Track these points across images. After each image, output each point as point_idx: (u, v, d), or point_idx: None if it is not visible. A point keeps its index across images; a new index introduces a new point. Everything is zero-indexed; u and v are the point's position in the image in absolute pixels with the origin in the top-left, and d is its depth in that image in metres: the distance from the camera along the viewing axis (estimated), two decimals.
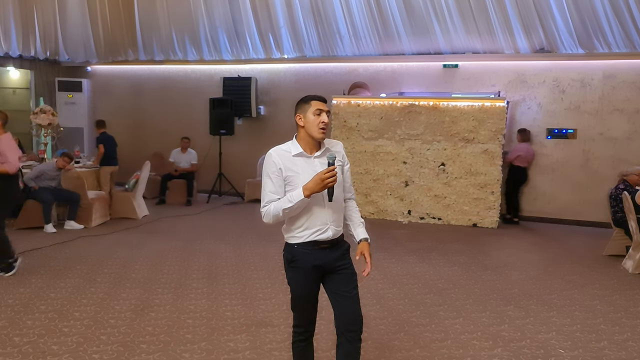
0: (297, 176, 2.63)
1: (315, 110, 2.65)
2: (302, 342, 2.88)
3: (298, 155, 2.67)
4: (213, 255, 6.31)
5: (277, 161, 2.66)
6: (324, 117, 2.64)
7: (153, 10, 10.46)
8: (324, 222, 2.66)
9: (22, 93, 11.84)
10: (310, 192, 2.54)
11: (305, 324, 2.85)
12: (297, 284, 2.75)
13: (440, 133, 8.51)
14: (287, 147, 2.72)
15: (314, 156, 2.68)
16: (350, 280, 2.73)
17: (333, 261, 2.70)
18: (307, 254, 2.67)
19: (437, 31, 9.00)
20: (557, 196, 8.83)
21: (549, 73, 8.75)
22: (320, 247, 2.67)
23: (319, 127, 2.64)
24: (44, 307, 4.50)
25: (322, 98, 2.71)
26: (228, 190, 10.43)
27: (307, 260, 2.67)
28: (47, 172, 7.43)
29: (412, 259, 6.33)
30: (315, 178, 2.53)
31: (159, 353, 3.68)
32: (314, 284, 2.74)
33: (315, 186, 2.52)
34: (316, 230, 2.66)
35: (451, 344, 3.94)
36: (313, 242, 2.66)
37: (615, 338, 4.11)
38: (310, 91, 9.64)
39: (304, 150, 2.68)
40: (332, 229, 2.67)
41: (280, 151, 2.70)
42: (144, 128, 11.25)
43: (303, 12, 9.58)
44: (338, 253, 2.72)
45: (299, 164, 2.66)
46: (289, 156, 2.68)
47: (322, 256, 2.68)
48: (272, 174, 2.67)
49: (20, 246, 6.43)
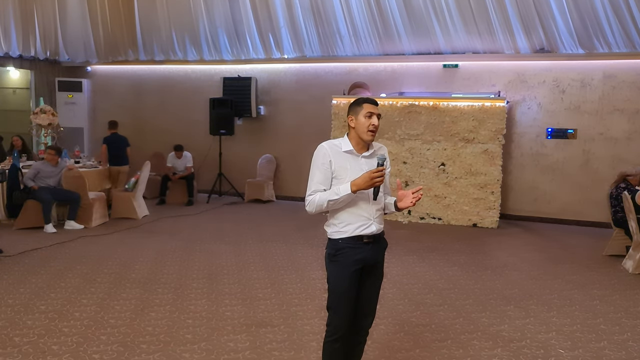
0: (346, 171, 2.74)
1: (366, 112, 2.74)
2: (335, 344, 2.77)
3: (348, 152, 2.78)
4: (213, 255, 6.31)
5: (329, 153, 2.76)
6: (374, 120, 2.74)
7: (153, 10, 10.46)
8: (368, 217, 2.76)
9: (22, 93, 11.84)
10: (358, 188, 2.66)
11: (340, 323, 2.76)
12: (337, 278, 2.77)
13: (440, 133, 8.51)
14: (338, 143, 2.82)
15: (362, 155, 2.78)
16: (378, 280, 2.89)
17: (374, 256, 2.81)
18: (351, 248, 2.75)
19: (437, 31, 9.00)
20: (557, 196, 8.83)
21: (549, 73, 8.75)
22: (364, 241, 2.76)
23: (368, 130, 2.73)
24: (44, 307, 4.50)
25: (374, 101, 2.80)
26: (228, 191, 10.43)
27: (350, 254, 2.74)
28: (43, 169, 7.43)
29: (412, 259, 6.33)
30: (365, 176, 2.64)
31: (159, 353, 3.68)
32: (355, 279, 2.77)
33: (364, 183, 2.64)
34: (360, 225, 2.75)
35: (451, 344, 3.94)
36: (357, 237, 2.75)
37: (615, 338, 4.11)
38: (311, 91, 9.66)
39: (354, 148, 2.78)
40: (375, 225, 2.77)
41: (332, 145, 2.80)
42: (144, 128, 11.25)
43: (303, 12, 9.58)
44: (379, 249, 2.84)
45: (349, 159, 2.77)
46: (339, 151, 2.78)
47: (364, 251, 2.77)
48: (322, 165, 2.76)
49: (20, 246, 6.44)
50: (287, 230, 7.77)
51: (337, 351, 2.80)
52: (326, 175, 2.76)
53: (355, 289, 2.77)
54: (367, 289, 2.84)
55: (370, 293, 2.86)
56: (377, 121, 2.75)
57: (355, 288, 2.77)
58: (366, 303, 2.85)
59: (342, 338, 2.79)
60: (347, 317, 2.77)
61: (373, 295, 2.88)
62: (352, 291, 2.76)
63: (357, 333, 2.89)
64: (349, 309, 2.77)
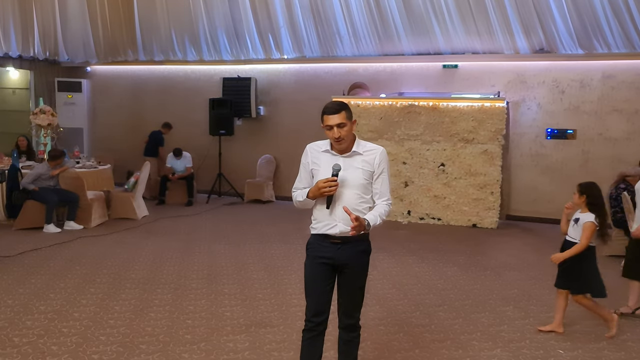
0: (319, 170, 2.83)
1: (325, 125, 2.80)
2: (308, 333, 2.91)
3: (325, 152, 2.85)
4: (213, 256, 6.31)
5: (308, 153, 2.91)
6: (334, 132, 2.76)
7: (153, 11, 10.45)
8: (333, 218, 2.79)
9: (22, 93, 11.83)
10: (312, 195, 2.76)
11: (310, 313, 2.89)
12: (306, 270, 2.91)
13: (439, 133, 8.51)
14: (321, 143, 2.89)
15: (343, 156, 2.81)
16: (354, 282, 2.87)
17: (343, 259, 2.82)
18: (318, 244, 2.85)
19: (436, 31, 9.00)
20: (556, 196, 8.81)
21: (549, 73, 8.75)
22: (331, 241, 2.81)
23: (334, 140, 2.78)
24: (44, 307, 4.50)
25: (333, 109, 2.78)
26: (228, 191, 10.42)
27: (317, 249, 2.85)
28: (44, 173, 7.42)
29: (412, 260, 6.33)
30: (316, 184, 2.74)
31: (159, 353, 3.68)
32: (321, 274, 2.84)
33: (316, 191, 2.74)
34: (326, 224, 2.82)
35: (451, 345, 3.94)
36: (324, 235, 2.82)
37: (614, 338, 4.11)
38: (310, 91, 9.63)
39: (331, 149, 2.84)
40: (340, 226, 2.78)
41: (314, 145, 2.92)
42: (144, 128, 11.22)
43: (303, 12, 9.57)
44: (351, 252, 2.82)
45: (324, 159, 2.83)
46: (319, 150, 2.88)
47: (331, 250, 2.81)
48: (302, 165, 2.93)
49: (20, 246, 6.43)
50: (287, 230, 7.77)
51: (306, 342, 2.91)
52: (304, 175, 2.92)
53: (321, 282, 2.84)
54: (343, 288, 2.89)
55: (348, 293, 2.89)
56: (338, 132, 2.74)
57: (323, 282, 2.84)
58: (345, 302, 2.90)
59: (314, 330, 2.87)
60: (314, 307, 2.86)
61: (352, 296, 2.89)
62: (317, 282, 2.84)
63: (344, 330, 2.94)
64: (314, 300, 2.87)
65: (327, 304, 2.87)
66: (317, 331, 2.89)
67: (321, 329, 2.90)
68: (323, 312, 2.87)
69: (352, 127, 2.80)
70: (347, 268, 2.84)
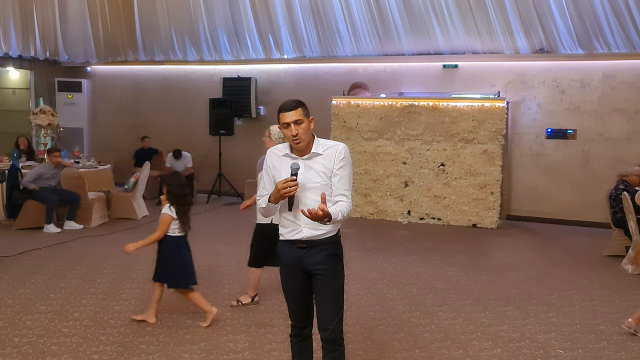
0: (280, 174, 2.70)
1: (282, 124, 2.68)
2: (294, 338, 2.91)
3: (285, 156, 2.75)
4: (213, 255, 6.31)
5: (268, 159, 2.81)
6: (292, 130, 2.63)
7: (153, 11, 10.45)
8: (297, 223, 2.71)
9: (22, 93, 11.84)
10: (274, 198, 2.64)
11: (294, 319, 2.88)
12: (281, 278, 2.86)
13: (440, 133, 8.51)
14: (281, 147, 2.81)
15: (302, 158, 2.71)
16: (324, 287, 2.75)
17: (311, 263, 2.73)
18: (286, 251, 2.78)
19: (436, 31, 9.00)
20: (556, 196, 8.83)
21: (549, 73, 8.75)
22: (297, 246, 2.74)
23: (291, 138, 2.67)
24: (44, 307, 4.50)
25: (289, 107, 2.65)
26: (228, 191, 10.42)
27: (286, 255, 2.79)
28: (45, 172, 7.42)
29: (412, 260, 6.33)
30: (275, 187, 2.62)
31: (159, 353, 3.68)
32: (296, 280, 2.79)
33: (276, 194, 2.61)
34: (291, 230, 2.74)
35: (451, 345, 3.94)
36: (290, 240, 2.76)
37: (614, 338, 4.11)
38: (310, 91, 9.62)
39: (291, 152, 2.73)
40: (306, 230, 2.70)
41: (275, 150, 2.81)
42: (144, 128, 11.22)
43: (303, 12, 9.57)
44: (319, 256, 2.72)
45: (284, 164, 2.72)
46: (278, 155, 2.78)
47: (299, 255, 2.74)
48: (264, 171, 2.82)
49: (20, 246, 6.43)
50: None
51: (295, 346, 2.92)
52: (267, 180, 2.80)
53: (297, 289, 2.80)
54: (316, 296, 2.79)
55: (320, 301, 2.77)
56: (295, 129, 2.61)
57: (298, 288, 2.80)
58: (318, 311, 2.79)
59: (300, 335, 2.88)
60: (293, 311, 2.86)
61: (324, 304, 2.75)
62: (295, 289, 2.81)
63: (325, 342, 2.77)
64: (294, 308, 2.85)
65: (309, 309, 2.84)
66: (304, 335, 2.89)
67: (308, 332, 2.89)
68: (307, 317, 2.86)
69: (309, 125, 2.68)
70: (317, 273, 2.73)
